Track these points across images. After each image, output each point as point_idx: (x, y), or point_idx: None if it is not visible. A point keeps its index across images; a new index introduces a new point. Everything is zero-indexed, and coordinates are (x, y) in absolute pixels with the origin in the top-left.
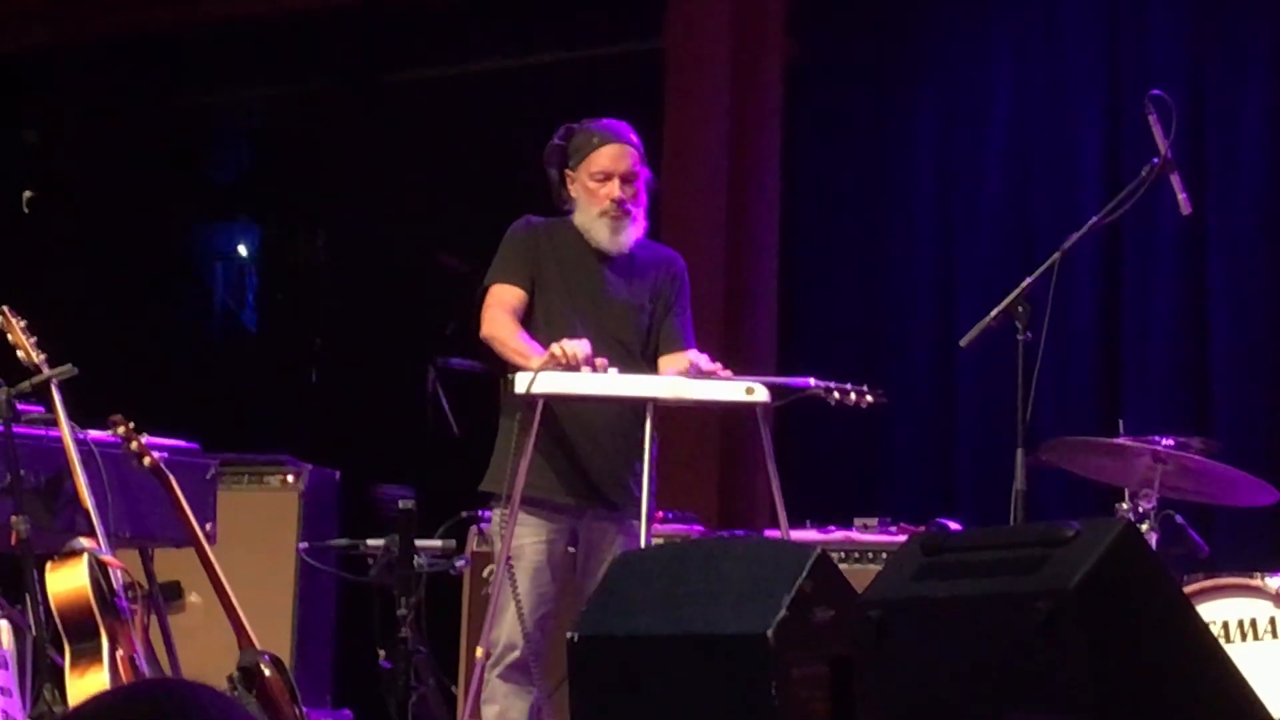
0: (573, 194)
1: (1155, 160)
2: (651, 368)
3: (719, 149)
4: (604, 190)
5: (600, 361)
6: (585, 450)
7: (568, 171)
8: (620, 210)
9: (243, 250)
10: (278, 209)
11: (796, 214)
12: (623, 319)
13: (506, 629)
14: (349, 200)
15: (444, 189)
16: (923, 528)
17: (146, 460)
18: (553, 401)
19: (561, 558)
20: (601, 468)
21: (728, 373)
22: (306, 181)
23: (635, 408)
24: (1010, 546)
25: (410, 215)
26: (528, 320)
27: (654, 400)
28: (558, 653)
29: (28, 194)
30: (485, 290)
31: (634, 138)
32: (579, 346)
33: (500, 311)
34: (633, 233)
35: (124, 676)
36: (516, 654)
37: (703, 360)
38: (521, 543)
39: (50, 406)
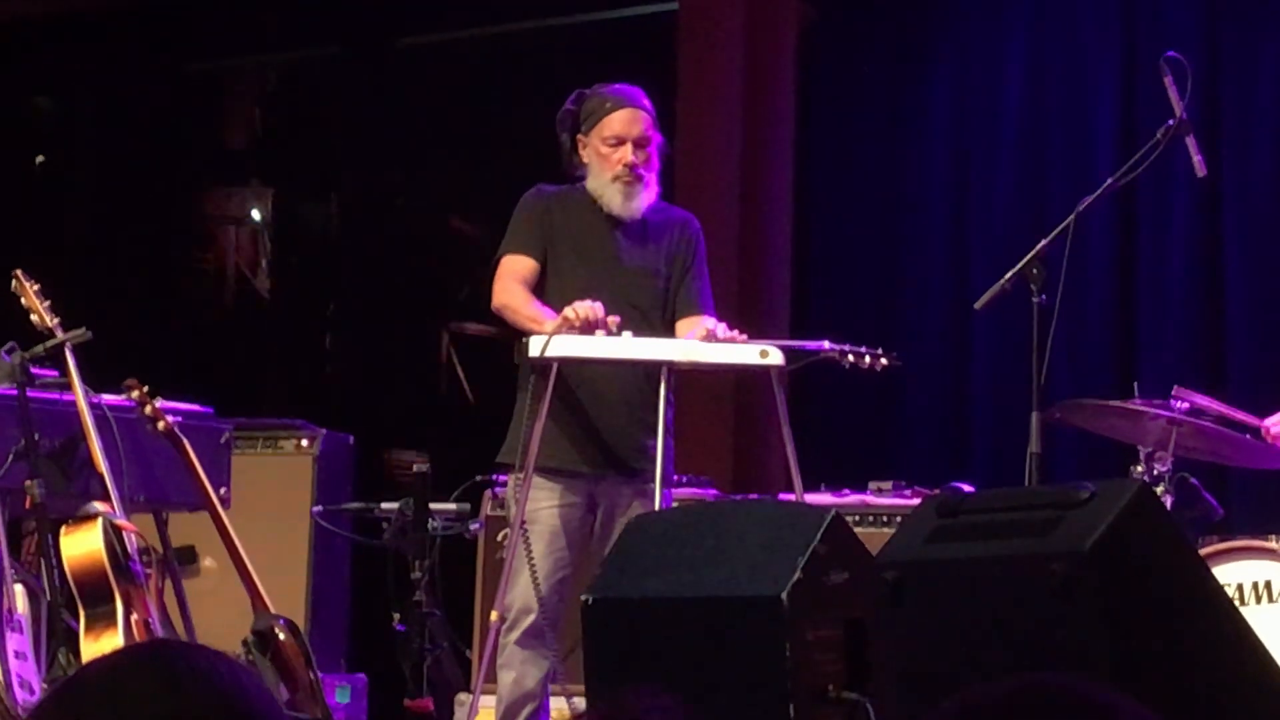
0: (585, 159)
1: (1170, 122)
2: (669, 332)
3: (733, 113)
4: (616, 155)
5: (613, 320)
6: (599, 416)
7: (580, 137)
8: (633, 175)
9: (256, 215)
10: (291, 174)
11: (810, 178)
12: (638, 285)
13: (521, 594)
14: (362, 165)
15: (458, 153)
16: (937, 491)
17: (161, 425)
18: (566, 365)
19: (579, 523)
20: (616, 433)
21: (743, 337)
22: (320, 146)
23: (648, 372)
24: (1025, 508)
25: (424, 180)
26: (542, 289)
27: (669, 364)
28: (574, 617)
29: (41, 159)
30: (498, 261)
31: (646, 102)
32: (592, 308)
33: (511, 281)
34: (646, 198)
35: (139, 640)
36: (532, 619)
37: (720, 328)
38: (537, 508)
39: (64, 371)
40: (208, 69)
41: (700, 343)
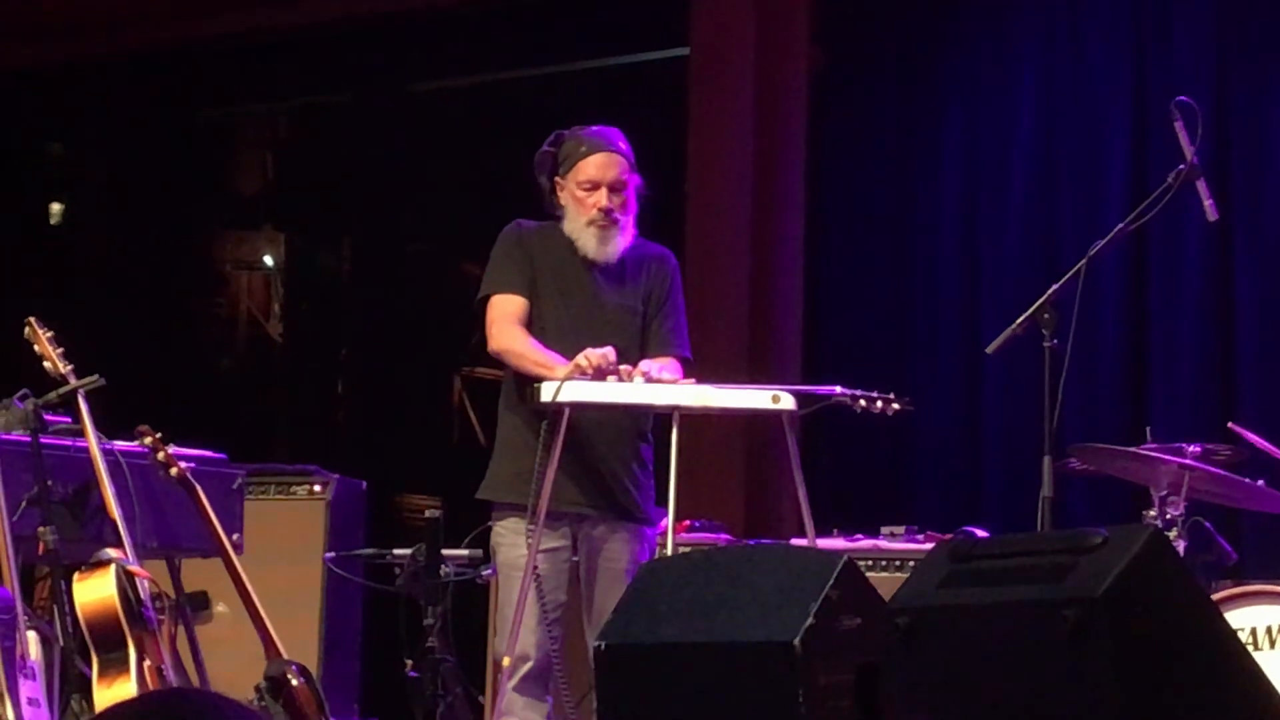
0: (562, 201)
1: (1181, 166)
2: None
3: (744, 157)
4: (591, 199)
5: (625, 368)
6: (584, 456)
7: (557, 179)
8: (608, 219)
9: (269, 260)
10: (303, 219)
11: (822, 221)
12: (617, 324)
13: (519, 643)
14: (374, 210)
15: (469, 198)
16: (950, 536)
17: (173, 470)
18: (578, 410)
19: (566, 565)
20: (602, 473)
21: (689, 380)
22: (332, 192)
23: (635, 414)
24: (1038, 554)
25: (435, 224)
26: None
27: (679, 408)
28: (581, 661)
29: (55, 206)
30: (484, 300)
31: (623, 145)
32: (604, 355)
33: (508, 323)
34: (621, 242)
35: (151, 686)
36: (530, 664)
37: (654, 368)
38: (522, 554)
39: (77, 417)
40: (220, 115)
41: (712, 388)
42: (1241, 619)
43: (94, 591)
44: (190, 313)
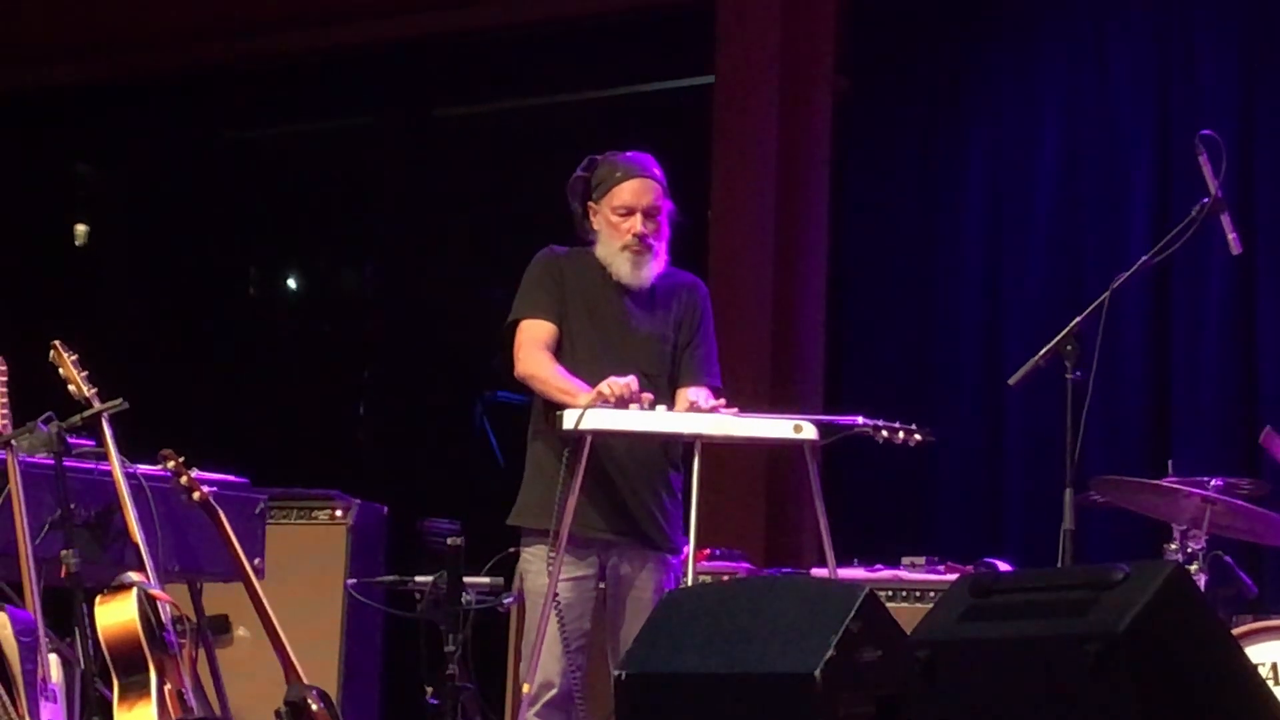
0: (595, 226)
1: (1205, 200)
2: (673, 399)
3: (768, 185)
4: (625, 225)
5: (646, 397)
6: (613, 484)
7: (590, 204)
8: (642, 245)
9: (292, 283)
10: (326, 243)
11: (845, 251)
12: (647, 351)
13: (541, 668)
14: (397, 234)
15: (492, 223)
16: (971, 567)
17: (196, 495)
18: (600, 438)
19: (592, 593)
20: (631, 501)
21: (732, 410)
22: (355, 215)
23: (665, 442)
24: (1059, 589)
25: (458, 249)
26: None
27: (700, 437)
28: (601, 689)
29: (80, 228)
30: (513, 324)
31: (657, 171)
32: (626, 384)
33: (534, 348)
34: (654, 267)
35: (172, 711)
36: (554, 692)
37: (702, 397)
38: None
39: (101, 440)
40: (244, 138)
41: (733, 417)
42: (1262, 654)
43: (115, 615)
44: (214, 335)
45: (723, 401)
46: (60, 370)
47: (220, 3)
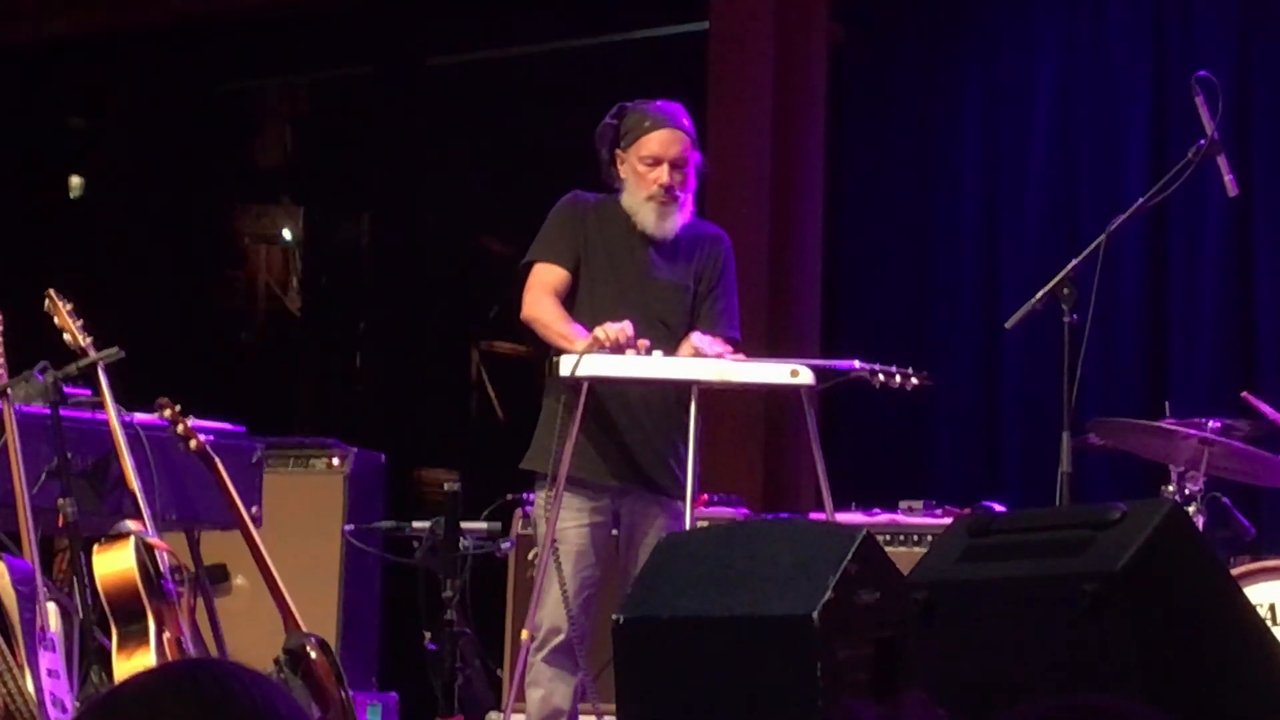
0: (622, 174)
1: (1202, 141)
2: None
3: (763, 131)
4: (652, 175)
5: (643, 343)
6: (627, 430)
7: (618, 151)
8: (668, 196)
9: (287, 234)
10: (322, 193)
11: (841, 197)
12: (667, 300)
13: (550, 612)
14: (393, 184)
15: (487, 172)
16: (968, 510)
17: (193, 443)
18: (597, 384)
19: (605, 539)
20: (644, 448)
21: (739, 356)
22: (350, 165)
23: (678, 389)
24: (1056, 528)
25: (454, 198)
26: (572, 296)
27: (698, 383)
28: (603, 635)
29: (75, 179)
30: (527, 266)
31: (686, 122)
32: (621, 329)
33: (542, 293)
34: (680, 218)
35: (170, 658)
36: (561, 637)
37: (705, 342)
38: (564, 526)
39: (97, 390)
40: (239, 89)
41: (730, 362)
42: (1260, 594)
43: (113, 564)
44: (209, 285)
45: (729, 349)
46: (55, 319)
47: None
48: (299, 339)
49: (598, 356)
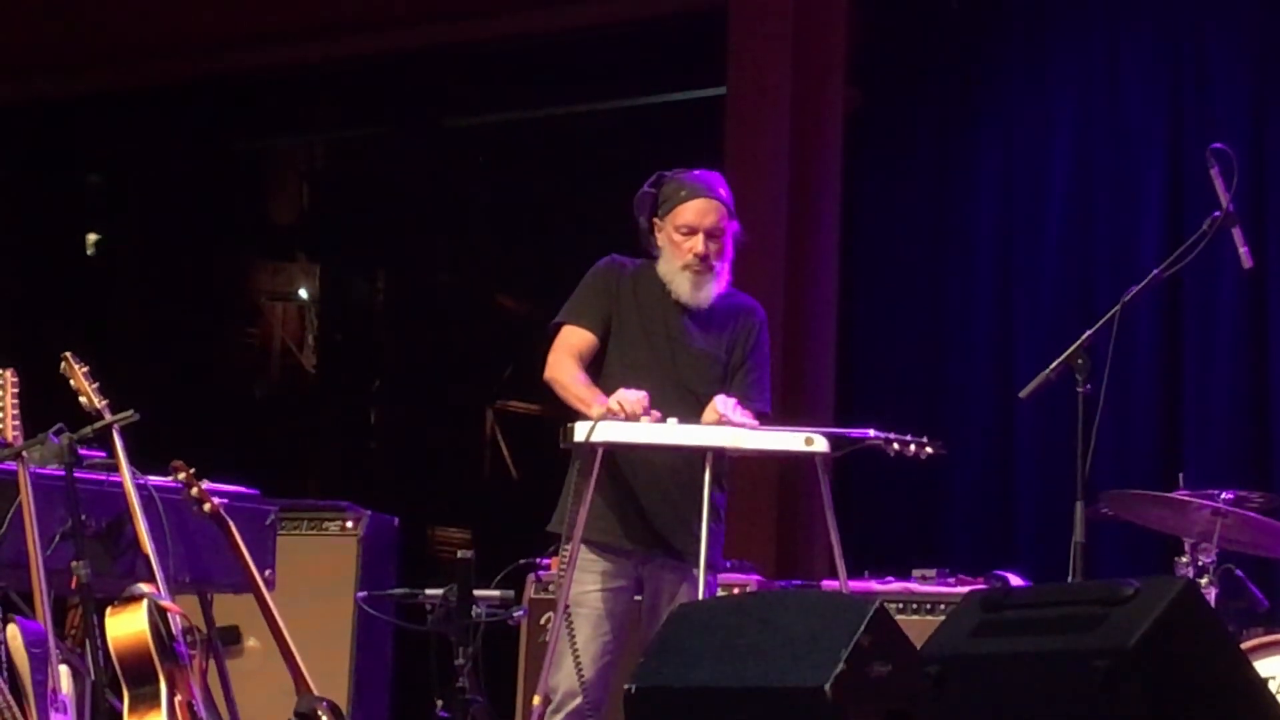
0: (659, 242)
1: (1217, 213)
2: None
3: (779, 197)
4: (688, 244)
5: (655, 414)
6: (650, 496)
7: (655, 219)
8: (703, 265)
9: (303, 292)
10: (337, 251)
11: (856, 262)
12: (698, 369)
13: (567, 677)
14: (408, 243)
15: (502, 232)
16: (981, 579)
17: (206, 506)
18: (612, 450)
19: (625, 605)
20: (666, 514)
21: (754, 422)
22: (366, 224)
23: (700, 455)
24: (1069, 604)
25: (469, 258)
26: (601, 358)
27: (713, 450)
28: (619, 703)
29: (92, 237)
30: (557, 327)
31: (723, 191)
32: (639, 400)
33: (565, 355)
34: (714, 288)
35: None
36: (577, 702)
37: (728, 406)
38: (584, 590)
39: (112, 452)
40: (255, 147)
41: (744, 430)
42: (1272, 668)
43: (126, 626)
44: (225, 343)
45: (751, 416)
46: (71, 382)
47: (234, 13)
48: (314, 396)
49: (612, 423)
